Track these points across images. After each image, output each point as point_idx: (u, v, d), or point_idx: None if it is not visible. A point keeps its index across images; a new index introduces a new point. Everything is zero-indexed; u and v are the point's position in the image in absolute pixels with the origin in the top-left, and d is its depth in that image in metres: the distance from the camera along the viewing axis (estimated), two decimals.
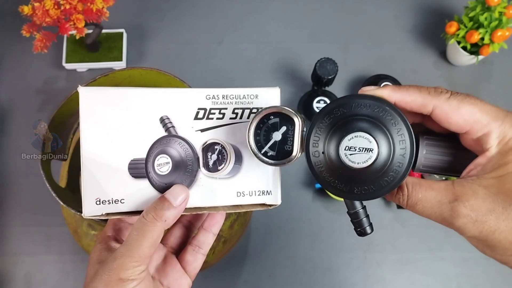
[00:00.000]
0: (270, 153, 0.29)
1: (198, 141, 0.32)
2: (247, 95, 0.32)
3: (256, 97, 0.32)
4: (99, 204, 0.30)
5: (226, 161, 0.32)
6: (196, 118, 0.32)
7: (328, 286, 0.69)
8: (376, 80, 0.77)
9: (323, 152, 0.27)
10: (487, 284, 0.69)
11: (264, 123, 0.29)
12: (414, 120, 0.30)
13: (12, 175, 0.73)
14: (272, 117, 0.29)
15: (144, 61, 0.81)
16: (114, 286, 0.28)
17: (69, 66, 0.78)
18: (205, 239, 0.36)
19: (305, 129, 0.29)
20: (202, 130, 0.32)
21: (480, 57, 0.76)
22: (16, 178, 0.73)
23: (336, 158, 0.26)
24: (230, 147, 0.32)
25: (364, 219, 0.29)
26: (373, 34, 0.85)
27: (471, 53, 0.75)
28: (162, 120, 0.31)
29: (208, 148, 0.32)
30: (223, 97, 0.32)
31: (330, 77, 0.69)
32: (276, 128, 0.29)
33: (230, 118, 0.32)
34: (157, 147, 0.31)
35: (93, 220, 0.48)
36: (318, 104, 0.73)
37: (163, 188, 0.31)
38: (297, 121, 0.29)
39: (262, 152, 0.29)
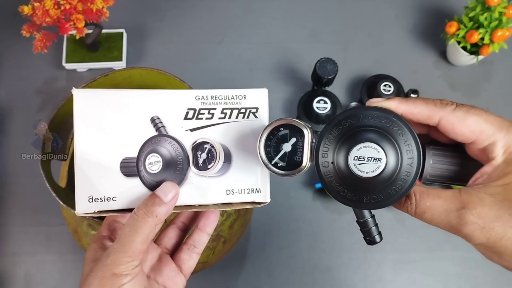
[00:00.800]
0: (280, 164, 0.30)
1: (188, 140, 0.33)
2: (236, 95, 0.33)
3: (244, 97, 0.33)
4: (92, 201, 0.31)
5: (216, 159, 0.33)
6: (186, 118, 0.33)
7: (328, 286, 0.69)
8: (376, 80, 0.77)
9: (332, 162, 0.28)
10: (487, 284, 0.69)
11: (274, 135, 0.30)
12: (420, 131, 0.30)
13: (12, 175, 0.73)
14: (282, 129, 0.30)
15: (144, 61, 0.81)
16: (108, 282, 0.29)
17: (69, 66, 0.78)
18: (200, 239, 0.36)
19: (314, 140, 0.30)
20: (192, 130, 0.33)
21: (480, 57, 0.76)
22: (16, 178, 0.73)
23: (345, 168, 0.27)
24: (219, 146, 0.33)
25: (373, 228, 0.29)
26: (373, 34, 0.85)
27: (471, 53, 0.75)
28: (152, 120, 0.32)
29: (198, 147, 0.33)
30: (212, 98, 0.33)
31: (330, 77, 0.69)
32: (286, 139, 0.30)
33: (219, 118, 0.33)
34: (148, 146, 0.32)
35: (93, 219, 0.48)
36: (318, 104, 0.73)
37: (154, 186, 0.32)
38: (307, 133, 0.30)
39: (272, 163, 0.30)
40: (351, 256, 0.70)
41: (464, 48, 0.76)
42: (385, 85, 0.75)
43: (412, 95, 0.75)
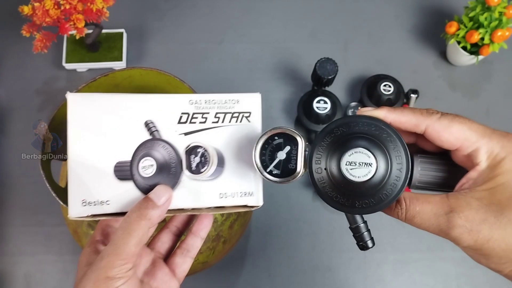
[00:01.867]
0: (275, 172, 0.31)
1: (182, 144, 0.33)
2: (229, 100, 0.34)
3: (238, 102, 0.34)
4: (85, 205, 0.32)
5: (209, 163, 0.33)
6: (179, 122, 0.33)
7: (328, 286, 0.69)
8: (376, 80, 0.77)
9: (325, 169, 0.28)
10: (487, 284, 0.69)
11: (269, 144, 0.31)
12: (408, 140, 0.32)
13: (12, 175, 0.73)
14: (277, 138, 0.31)
15: (144, 61, 0.81)
16: (102, 285, 0.29)
17: (69, 66, 0.78)
18: (194, 243, 0.37)
19: (307, 148, 0.31)
20: (186, 134, 0.33)
21: (480, 57, 0.76)
22: (16, 178, 0.73)
23: (338, 173, 0.28)
24: (212, 150, 0.33)
25: (366, 233, 0.31)
26: (373, 34, 0.85)
27: (471, 53, 0.75)
28: (146, 124, 0.32)
29: (191, 151, 0.33)
30: (205, 102, 0.33)
31: (330, 77, 0.69)
32: (280, 148, 0.31)
33: (213, 122, 0.33)
34: (142, 150, 0.32)
35: (93, 220, 0.48)
36: (318, 104, 0.73)
37: (147, 190, 0.32)
38: (300, 141, 0.31)
39: (267, 170, 0.31)
40: (351, 256, 0.70)
41: (464, 48, 0.76)
42: (385, 85, 0.75)
43: (412, 95, 0.75)
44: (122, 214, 0.32)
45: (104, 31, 0.78)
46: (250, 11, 0.86)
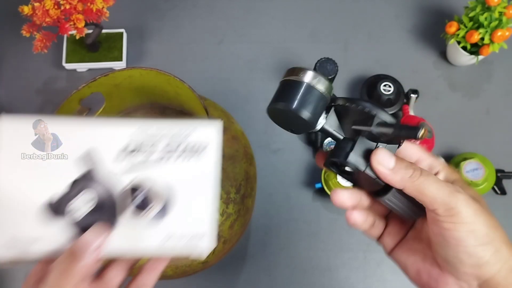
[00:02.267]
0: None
1: (123, 180, 0.29)
2: (182, 128, 0.29)
3: (193, 131, 0.29)
4: (8, 247, 0.28)
5: (153, 203, 0.29)
6: (122, 153, 0.29)
7: (328, 286, 0.69)
8: (376, 80, 0.77)
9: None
10: None
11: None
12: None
13: None
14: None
15: (144, 61, 0.81)
16: None
17: (69, 66, 0.78)
18: (149, 278, 0.32)
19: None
20: (129, 168, 0.29)
21: (480, 57, 0.76)
22: None
23: None
24: (157, 188, 0.29)
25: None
26: (373, 34, 0.85)
27: (471, 53, 0.75)
28: (84, 156, 0.29)
29: (133, 189, 0.29)
30: (154, 131, 0.29)
31: (330, 77, 0.69)
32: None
33: (161, 155, 0.29)
34: (77, 185, 0.29)
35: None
36: None
37: (81, 230, 0.29)
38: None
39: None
40: (350, 256, 0.70)
41: (464, 48, 0.76)
42: (385, 85, 0.75)
43: (412, 95, 0.75)
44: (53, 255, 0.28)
45: (104, 31, 0.78)
46: (250, 11, 0.86)
